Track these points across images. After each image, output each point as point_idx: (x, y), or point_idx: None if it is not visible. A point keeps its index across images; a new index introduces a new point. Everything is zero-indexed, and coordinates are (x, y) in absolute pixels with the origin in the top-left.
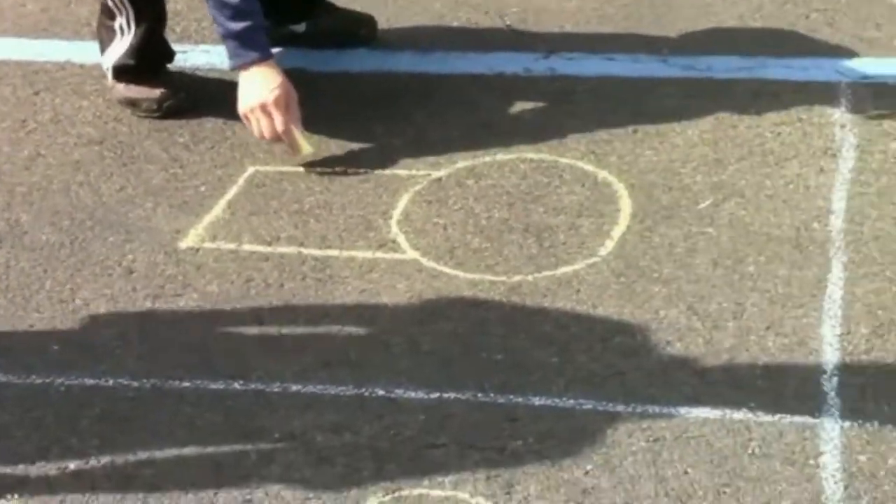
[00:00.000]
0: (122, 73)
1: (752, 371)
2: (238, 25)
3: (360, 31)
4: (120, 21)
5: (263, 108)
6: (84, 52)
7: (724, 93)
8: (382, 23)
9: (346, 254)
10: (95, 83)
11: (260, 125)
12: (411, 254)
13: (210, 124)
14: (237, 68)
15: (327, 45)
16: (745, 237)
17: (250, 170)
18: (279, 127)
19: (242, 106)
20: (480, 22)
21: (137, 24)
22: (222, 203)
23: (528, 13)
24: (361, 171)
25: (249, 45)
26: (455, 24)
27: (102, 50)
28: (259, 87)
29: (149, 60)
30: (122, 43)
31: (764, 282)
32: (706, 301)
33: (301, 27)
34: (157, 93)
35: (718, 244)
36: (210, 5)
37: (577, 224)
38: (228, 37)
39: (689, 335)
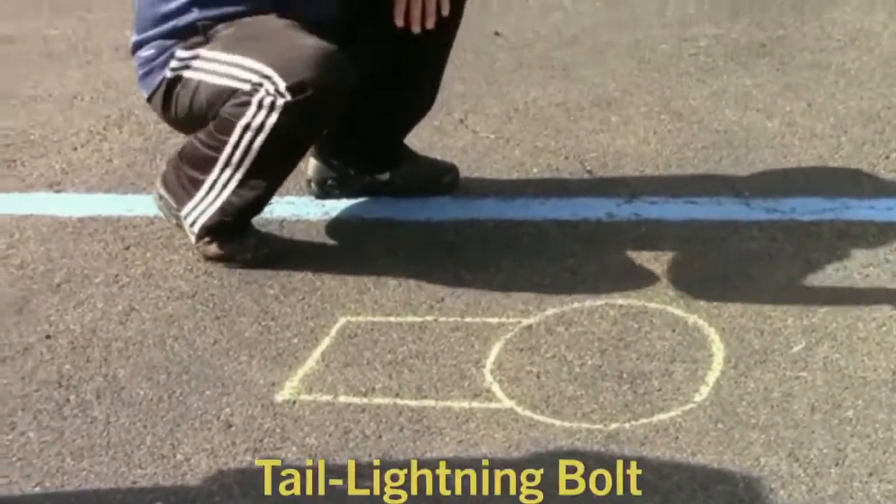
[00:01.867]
0: (213, 232)
1: None
2: None
3: (443, 178)
4: (216, 177)
5: None
6: None
7: (810, 235)
8: (464, 171)
9: (441, 404)
10: (185, 237)
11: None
12: (507, 403)
13: (299, 276)
14: None
15: (411, 193)
16: (840, 381)
17: (342, 321)
18: None
19: None
20: (561, 167)
21: (242, 186)
22: (316, 354)
23: (608, 158)
24: (451, 319)
25: None
26: (536, 170)
27: (178, 203)
28: None
29: (246, 215)
30: (211, 200)
31: (863, 426)
32: (806, 447)
33: (385, 176)
34: (249, 243)
35: (814, 389)
36: None
37: (671, 370)
38: None
39: (792, 483)
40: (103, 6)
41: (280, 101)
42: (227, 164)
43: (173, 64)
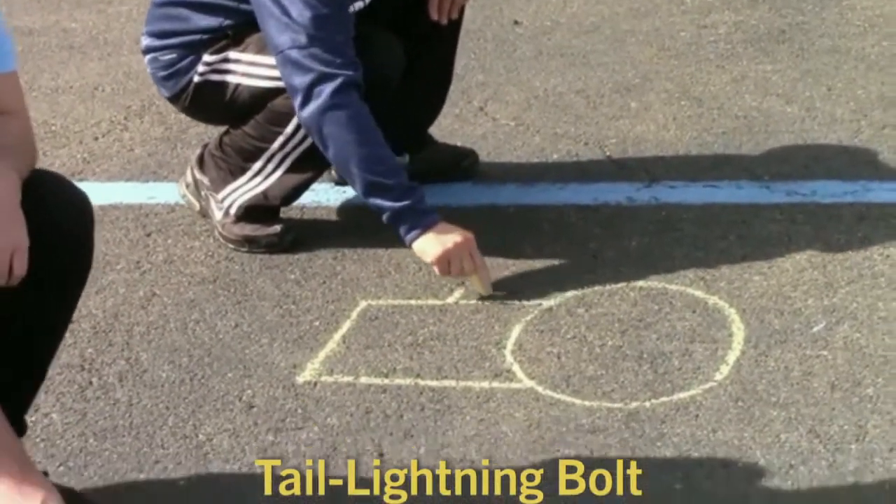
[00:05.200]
0: (250, 212)
1: (878, 494)
2: (407, 201)
3: (462, 163)
4: (263, 164)
5: (459, 249)
6: None
7: (830, 217)
8: (484, 156)
9: (462, 384)
10: (205, 224)
11: (460, 264)
12: (527, 383)
13: (320, 260)
14: (419, 237)
15: (431, 178)
16: (860, 360)
17: (362, 304)
18: (478, 263)
19: (436, 251)
20: (580, 153)
21: (291, 171)
22: (337, 337)
23: (628, 143)
24: (472, 302)
25: (423, 212)
26: (555, 156)
27: (216, 188)
28: (449, 235)
29: (286, 202)
30: (255, 184)
31: (884, 403)
32: (826, 424)
33: (405, 160)
34: (276, 228)
35: (834, 367)
36: (368, 198)
37: (691, 350)
38: (400, 215)
39: (812, 458)
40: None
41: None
42: (276, 153)
43: (201, 69)
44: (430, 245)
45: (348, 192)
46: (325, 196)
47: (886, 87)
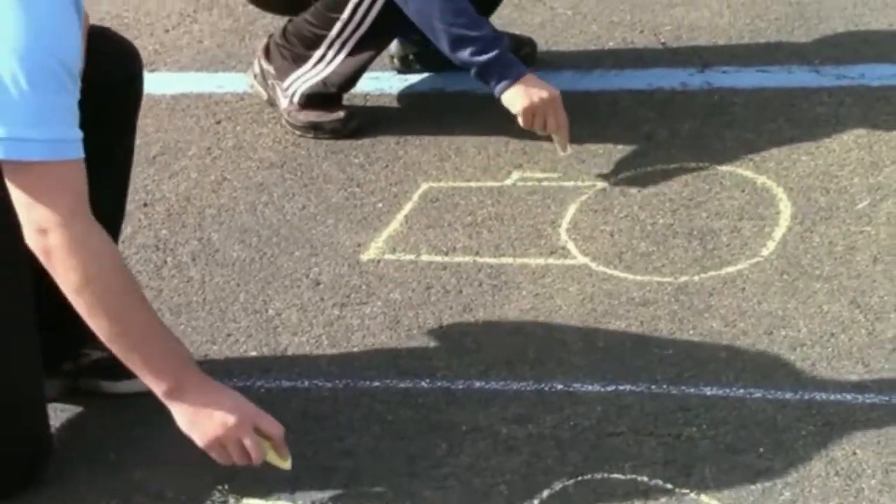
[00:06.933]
0: (313, 99)
1: None
2: (492, 52)
3: (521, 51)
4: (324, 52)
5: (544, 103)
6: None
7: (878, 99)
8: (542, 45)
9: (519, 261)
10: (273, 112)
11: (543, 119)
12: (581, 259)
13: (383, 146)
14: (507, 88)
15: None
16: None
17: (423, 186)
18: (562, 122)
19: (523, 102)
20: (636, 41)
21: (351, 55)
22: (399, 218)
23: (682, 30)
24: (529, 184)
25: (510, 64)
26: (611, 44)
27: (281, 76)
28: (536, 89)
29: (345, 88)
30: (318, 71)
31: None
32: (868, 295)
33: None
34: (340, 114)
35: (877, 242)
36: (454, 52)
37: (739, 227)
38: (488, 67)
39: (853, 327)
40: None
41: None
42: (335, 40)
43: None
44: (517, 96)
45: (410, 80)
46: (387, 83)
47: None
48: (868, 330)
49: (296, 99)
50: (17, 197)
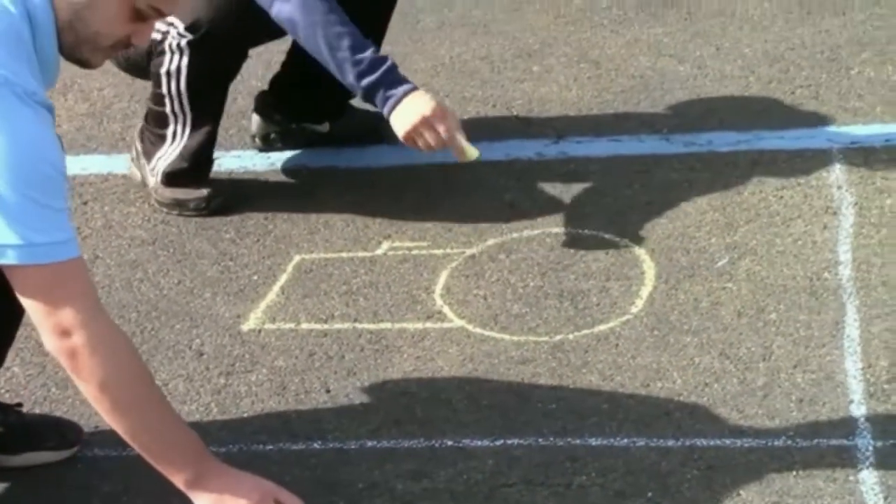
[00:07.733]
0: (173, 177)
1: (786, 404)
2: (378, 72)
3: (379, 126)
4: (173, 128)
5: (425, 122)
6: (123, 163)
7: (726, 164)
8: None
9: (397, 326)
10: (139, 191)
11: (426, 139)
12: (458, 322)
13: (252, 221)
14: (393, 108)
15: (350, 143)
16: (763, 289)
17: (296, 258)
18: (444, 136)
19: (404, 126)
20: (489, 114)
21: (194, 128)
22: (276, 289)
23: (533, 104)
24: (399, 252)
25: (396, 83)
26: (465, 117)
27: (147, 157)
28: (416, 106)
29: (200, 162)
30: (174, 148)
31: (786, 327)
32: (735, 347)
33: (325, 128)
34: (203, 192)
35: (740, 297)
36: (342, 75)
37: (607, 287)
38: (373, 88)
39: (725, 377)
40: None
41: (184, 42)
42: (174, 113)
43: None
44: (397, 122)
45: (273, 158)
46: (250, 161)
47: (770, 45)
48: (739, 379)
49: (159, 178)
50: (33, 305)
